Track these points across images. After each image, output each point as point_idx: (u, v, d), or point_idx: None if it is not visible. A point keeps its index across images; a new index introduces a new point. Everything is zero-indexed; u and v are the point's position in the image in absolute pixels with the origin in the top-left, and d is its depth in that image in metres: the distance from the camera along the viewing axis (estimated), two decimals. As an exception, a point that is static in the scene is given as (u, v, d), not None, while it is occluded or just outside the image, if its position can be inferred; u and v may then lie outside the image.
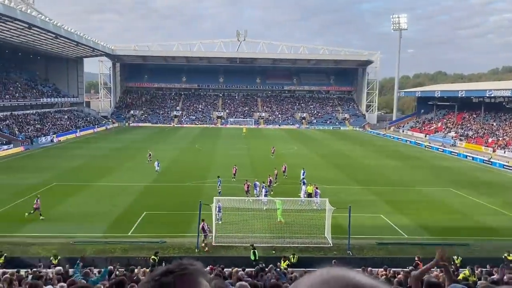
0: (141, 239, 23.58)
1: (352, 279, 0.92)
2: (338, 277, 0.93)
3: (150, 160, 46.48)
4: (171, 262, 1.43)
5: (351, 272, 0.96)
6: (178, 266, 1.32)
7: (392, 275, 15.53)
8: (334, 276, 0.92)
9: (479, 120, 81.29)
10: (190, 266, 1.33)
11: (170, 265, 1.34)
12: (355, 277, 0.93)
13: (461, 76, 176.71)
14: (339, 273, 0.93)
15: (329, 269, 0.97)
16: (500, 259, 21.08)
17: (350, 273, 0.95)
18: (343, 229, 23.85)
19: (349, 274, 0.94)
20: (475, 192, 36.48)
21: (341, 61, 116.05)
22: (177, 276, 1.28)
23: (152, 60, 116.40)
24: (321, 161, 51.79)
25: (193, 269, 1.32)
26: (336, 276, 0.92)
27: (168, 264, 1.37)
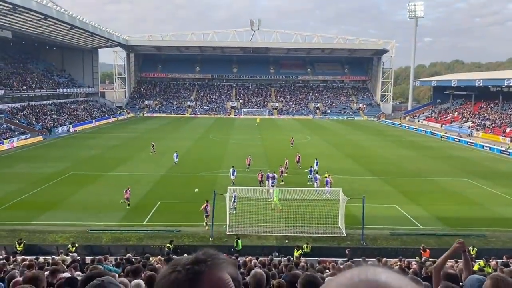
0: (156, 228, 23.91)
1: (383, 283, 0.89)
2: (369, 281, 0.90)
3: (153, 151, 46.72)
4: (188, 251, 1.44)
5: (384, 273, 0.92)
6: (209, 256, 1.31)
7: (406, 265, 15.47)
8: (364, 280, 0.89)
9: (497, 110, 79.85)
10: (219, 256, 1.34)
11: (199, 254, 1.33)
12: (386, 280, 0.89)
13: (478, 65, 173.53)
14: (370, 277, 0.90)
15: (360, 270, 0.93)
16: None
17: (382, 276, 0.91)
18: (357, 219, 23.82)
19: (381, 277, 0.90)
20: (492, 182, 35.97)
21: (355, 50, 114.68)
22: (209, 266, 1.27)
23: (166, 50, 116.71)
24: (335, 151, 51.56)
25: (223, 259, 1.33)
26: (366, 280, 0.89)
27: (194, 253, 1.37)
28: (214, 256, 1.32)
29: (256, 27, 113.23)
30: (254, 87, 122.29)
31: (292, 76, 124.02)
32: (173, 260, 1.38)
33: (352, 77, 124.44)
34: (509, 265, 15.33)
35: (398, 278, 0.92)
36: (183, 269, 1.26)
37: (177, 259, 1.36)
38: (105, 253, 18.43)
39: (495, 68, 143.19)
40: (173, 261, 1.34)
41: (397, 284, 0.89)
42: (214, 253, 1.34)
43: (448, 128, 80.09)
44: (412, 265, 15.35)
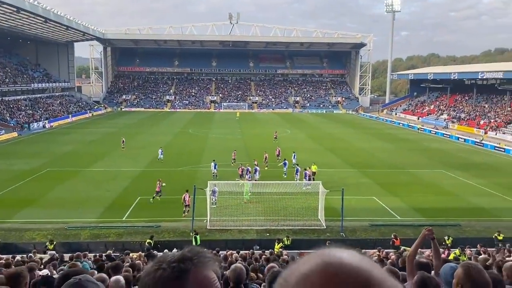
0: (136, 224, 23.71)
1: (332, 255, 0.89)
2: (321, 253, 0.90)
3: (123, 147, 45.76)
4: (169, 246, 1.42)
5: (344, 253, 0.91)
6: (195, 254, 1.29)
7: (384, 256, 15.78)
8: (319, 253, 0.90)
9: (471, 102, 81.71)
10: (205, 254, 1.31)
11: (185, 251, 1.30)
12: (335, 253, 0.90)
13: (453, 58, 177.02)
14: (324, 251, 0.90)
15: (318, 254, 0.91)
16: (491, 239, 21.52)
17: (333, 250, 0.91)
18: (336, 211, 24.11)
19: (331, 251, 0.90)
20: (467, 173, 36.88)
21: (334, 44, 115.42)
22: (195, 264, 1.25)
23: (143, 44, 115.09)
24: (315, 144, 51.95)
25: (210, 257, 1.31)
26: (320, 253, 0.90)
27: (178, 249, 1.34)
28: (200, 254, 1.30)
29: (235, 21, 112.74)
30: (234, 81, 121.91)
31: (272, 70, 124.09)
32: (158, 257, 1.35)
33: (330, 70, 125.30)
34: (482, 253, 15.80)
35: (359, 257, 0.91)
36: (169, 267, 1.23)
37: (162, 256, 1.34)
38: (84, 250, 18.19)
39: (469, 62, 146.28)
40: (158, 258, 1.32)
41: (359, 263, 0.88)
42: (201, 251, 1.32)
43: (425, 121, 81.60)
44: (390, 255, 15.66)
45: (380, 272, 0.88)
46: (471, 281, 2.82)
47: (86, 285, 2.00)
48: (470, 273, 2.84)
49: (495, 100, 77.47)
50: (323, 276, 0.85)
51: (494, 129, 64.41)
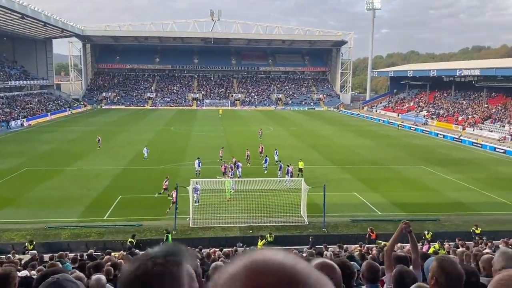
0: (117, 223, 23.47)
1: (258, 254, 0.90)
2: (248, 254, 0.91)
3: (99, 146, 44.91)
4: (151, 245, 1.40)
5: (264, 250, 0.92)
6: (168, 253, 1.28)
7: (366, 251, 15.99)
8: (246, 253, 0.91)
9: (450, 99, 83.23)
10: (183, 250, 1.32)
11: (158, 251, 1.29)
12: (261, 253, 0.91)
13: (433, 56, 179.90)
14: (251, 252, 0.91)
15: (249, 253, 0.92)
16: (469, 232, 22.01)
17: (260, 251, 0.92)
18: (318, 207, 24.32)
19: (258, 251, 0.91)
20: (446, 169, 37.61)
21: (315, 41, 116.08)
22: (173, 260, 1.25)
23: (123, 40, 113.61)
24: (297, 141, 52.22)
25: (187, 253, 1.31)
26: (248, 253, 0.91)
27: (153, 249, 1.33)
28: (178, 250, 1.30)
29: (217, 18, 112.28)
30: (216, 78, 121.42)
31: (254, 67, 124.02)
32: (138, 255, 1.35)
33: (312, 68, 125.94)
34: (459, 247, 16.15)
35: (283, 254, 0.91)
36: (151, 263, 1.23)
37: (142, 253, 1.33)
38: (64, 249, 17.91)
39: (448, 59, 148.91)
40: (138, 255, 1.32)
41: (283, 259, 0.89)
42: (174, 250, 1.32)
43: (405, 117, 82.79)
44: (372, 250, 15.88)
45: (304, 267, 0.89)
46: (445, 273, 2.91)
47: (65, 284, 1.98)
48: (444, 266, 2.93)
49: (473, 97, 79.10)
50: (248, 274, 0.86)
51: (472, 125, 65.78)
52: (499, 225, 23.88)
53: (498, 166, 40.15)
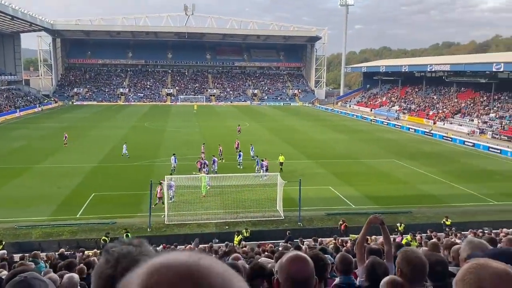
0: (90, 221, 23.05)
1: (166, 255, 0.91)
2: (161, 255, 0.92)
3: (66, 144, 43.56)
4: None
5: (187, 255, 0.91)
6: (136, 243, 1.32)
7: (340, 243, 16.23)
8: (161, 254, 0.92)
9: (421, 94, 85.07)
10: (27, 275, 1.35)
11: (132, 243, 1.33)
12: (171, 258, 0.90)
13: (404, 52, 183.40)
14: (159, 259, 0.91)
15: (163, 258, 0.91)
16: (440, 224, 22.64)
17: (183, 257, 0.90)
18: (294, 201, 24.51)
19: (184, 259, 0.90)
20: (417, 162, 38.49)
21: (290, 37, 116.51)
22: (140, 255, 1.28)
23: (95, 35, 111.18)
24: (273, 136, 52.43)
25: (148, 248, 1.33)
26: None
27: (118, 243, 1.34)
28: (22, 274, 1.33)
29: (190, 12, 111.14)
30: (191, 74, 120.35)
31: (229, 62, 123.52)
32: (107, 251, 1.33)
33: (287, 63, 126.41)
34: (432, 238, 16.61)
35: (188, 252, 0.92)
36: (120, 260, 1.26)
37: (110, 250, 1.32)
38: (35, 249, 17.47)
39: (419, 55, 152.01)
40: (107, 252, 1.31)
41: (186, 255, 0.90)
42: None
43: (377, 112, 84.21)
44: (347, 243, 16.13)
45: (208, 262, 0.89)
46: (408, 263, 3.05)
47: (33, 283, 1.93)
48: (407, 257, 3.08)
49: (443, 92, 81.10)
50: (148, 271, 0.87)
51: (442, 120, 67.48)
52: (468, 216, 24.64)
53: (467, 159, 41.37)
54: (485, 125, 59.23)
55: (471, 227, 20.29)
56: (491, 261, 1.39)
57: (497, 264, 1.37)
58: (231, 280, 0.87)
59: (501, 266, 1.35)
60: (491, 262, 1.38)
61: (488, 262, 1.38)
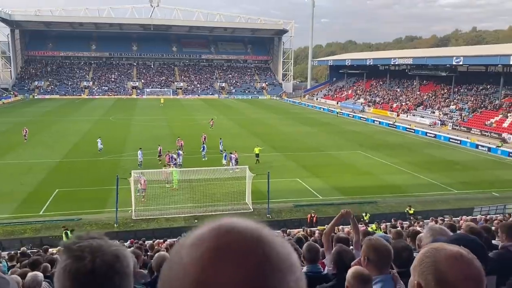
0: (54, 218, 22.44)
1: (226, 219, 0.92)
2: (216, 220, 0.93)
3: (26, 139, 42.01)
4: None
5: (237, 219, 0.93)
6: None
7: (309, 234, 16.49)
8: (221, 224, 0.91)
9: (385, 87, 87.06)
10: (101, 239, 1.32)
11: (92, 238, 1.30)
12: (229, 218, 0.93)
13: (369, 45, 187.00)
14: (227, 221, 0.92)
15: (215, 220, 0.94)
16: (403, 213, 23.38)
17: (227, 217, 0.94)
18: (263, 194, 24.66)
19: (225, 218, 0.93)
20: (381, 153, 39.49)
21: (257, 30, 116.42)
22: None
23: (56, 26, 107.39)
24: (241, 130, 52.46)
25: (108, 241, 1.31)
26: (223, 224, 0.91)
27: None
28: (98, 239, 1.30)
29: (156, 4, 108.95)
30: (157, 66, 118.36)
31: (196, 55, 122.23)
32: (66, 247, 1.30)
33: (255, 56, 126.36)
34: (397, 226, 17.14)
35: (249, 220, 0.93)
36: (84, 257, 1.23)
37: (68, 245, 1.27)
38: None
39: (383, 48, 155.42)
40: (67, 249, 1.26)
41: (249, 223, 0.91)
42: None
43: (343, 105, 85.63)
44: (315, 233, 16.40)
45: (269, 232, 0.90)
46: (374, 250, 3.17)
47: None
48: (372, 245, 3.20)
49: (406, 85, 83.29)
50: (216, 234, 0.87)
51: (405, 112, 69.37)
52: (430, 205, 25.57)
53: (429, 150, 42.79)
54: (446, 117, 61.34)
55: (433, 215, 21.05)
56: (446, 245, 1.47)
57: (451, 247, 1.45)
58: (290, 252, 0.89)
59: (455, 248, 1.43)
60: (446, 245, 1.46)
61: (443, 246, 1.46)
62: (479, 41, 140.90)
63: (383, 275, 3.13)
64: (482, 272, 1.37)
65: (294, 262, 0.88)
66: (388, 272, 3.21)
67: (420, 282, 1.44)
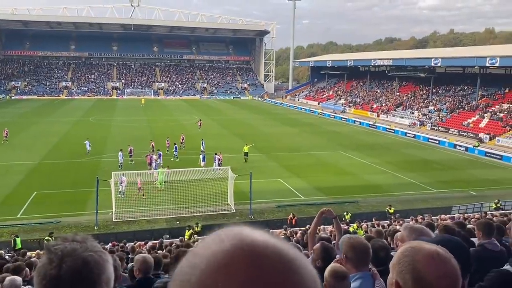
0: (32, 221, 22.00)
1: (247, 235, 0.84)
2: (233, 234, 0.85)
3: (6, 140, 41.27)
4: None
5: (247, 229, 0.87)
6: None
7: (290, 234, 16.57)
8: (229, 233, 0.85)
9: (366, 88, 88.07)
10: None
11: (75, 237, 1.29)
12: (250, 233, 0.85)
13: (349, 47, 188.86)
14: (235, 231, 0.86)
15: (226, 228, 0.88)
16: (384, 212, 23.69)
17: (245, 230, 0.87)
18: (245, 194, 24.68)
19: (244, 231, 0.86)
20: (362, 153, 39.94)
21: (239, 30, 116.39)
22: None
23: (34, 25, 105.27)
24: (223, 130, 52.34)
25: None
26: (231, 233, 0.85)
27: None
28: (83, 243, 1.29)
29: (136, 3, 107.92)
30: (138, 67, 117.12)
31: (177, 55, 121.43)
32: (48, 250, 1.28)
33: (236, 57, 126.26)
34: (377, 226, 17.36)
35: (263, 233, 0.86)
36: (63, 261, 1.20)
37: (50, 249, 1.26)
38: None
39: (363, 50, 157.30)
40: (50, 251, 1.24)
41: (261, 236, 0.84)
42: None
43: (325, 106, 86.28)
44: (296, 234, 16.48)
45: (296, 251, 0.85)
46: (353, 248, 3.23)
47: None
48: (351, 243, 3.27)
49: (386, 86, 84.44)
50: (245, 257, 0.78)
51: (385, 112, 70.30)
52: (409, 204, 25.97)
53: (409, 150, 43.48)
54: (425, 117, 62.40)
55: (412, 214, 21.38)
56: (423, 243, 1.51)
57: (429, 246, 1.48)
58: (315, 275, 0.83)
59: (433, 247, 1.47)
60: (424, 244, 1.49)
61: (421, 244, 1.49)
62: (456, 43, 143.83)
63: (362, 272, 3.19)
64: (458, 271, 1.41)
65: (319, 283, 0.83)
66: (367, 269, 3.27)
67: (399, 281, 1.48)
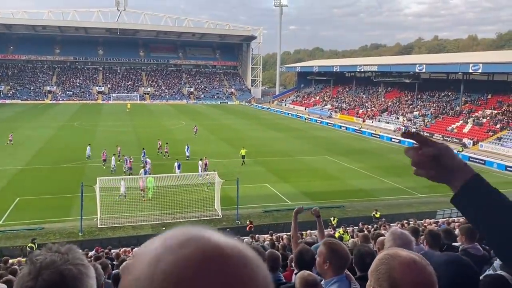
0: (15, 227, 21.61)
1: (210, 240, 0.77)
2: (196, 237, 0.78)
3: (11, 142, 41.35)
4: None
5: (208, 231, 0.81)
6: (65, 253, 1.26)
7: (276, 239, 16.57)
8: (190, 237, 0.78)
9: (351, 93, 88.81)
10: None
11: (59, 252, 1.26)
12: (212, 237, 0.78)
13: (336, 52, 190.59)
14: (196, 233, 0.79)
15: (183, 229, 0.82)
16: (370, 217, 23.84)
17: (206, 233, 0.80)
18: (232, 200, 24.62)
19: (205, 234, 0.79)
20: (348, 158, 40.20)
21: (226, 35, 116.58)
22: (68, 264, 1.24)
23: (17, 29, 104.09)
24: (210, 135, 52.19)
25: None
26: (193, 237, 0.78)
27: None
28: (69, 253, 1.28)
29: (122, 8, 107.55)
30: (123, 71, 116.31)
31: (164, 60, 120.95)
32: (30, 261, 1.27)
33: (223, 62, 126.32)
34: (364, 231, 17.47)
35: (224, 236, 0.81)
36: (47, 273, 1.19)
37: (33, 259, 1.24)
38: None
39: (349, 56, 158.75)
40: (31, 262, 1.23)
41: (224, 240, 0.79)
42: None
43: (311, 111, 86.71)
44: (283, 239, 16.48)
45: (254, 254, 0.80)
46: (335, 254, 3.22)
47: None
48: (333, 248, 3.25)
49: (371, 91, 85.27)
50: (200, 260, 0.74)
51: (371, 118, 70.94)
52: (395, 208, 26.17)
53: (394, 155, 43.77)
54: (410, 122, 63.14)
55: (398, 219, 21.57)
56: (400, 251, 1.52)
57: (406, 253, 1.50)
58: (268, 275, 0.79)
59: (410, 255, 1.48)
60: (400, 252, 1.51)
61: (398, 252, 1.51)
62: (441, 49, 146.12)
63: (338, 276, 3.21)
64: (434, 278, 1.43)
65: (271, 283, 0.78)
66: (342, 272, 3.28)
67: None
